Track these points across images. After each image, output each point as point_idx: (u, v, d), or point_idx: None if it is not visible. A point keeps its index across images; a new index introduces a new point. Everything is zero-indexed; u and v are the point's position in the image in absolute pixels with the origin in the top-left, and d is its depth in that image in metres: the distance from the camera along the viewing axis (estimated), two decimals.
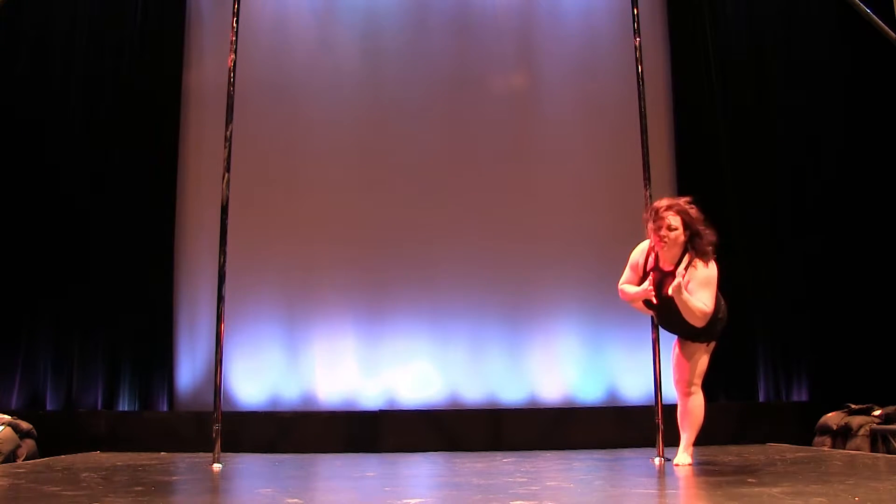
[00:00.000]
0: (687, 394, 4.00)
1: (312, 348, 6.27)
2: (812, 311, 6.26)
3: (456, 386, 6.25)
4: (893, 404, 5.34)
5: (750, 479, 3.22)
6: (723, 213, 6.43)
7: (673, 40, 6.71)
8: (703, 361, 3.99)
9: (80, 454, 5.18)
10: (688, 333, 3.97)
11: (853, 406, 5.47)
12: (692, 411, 3.99)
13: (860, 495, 2.65)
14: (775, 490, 2.81)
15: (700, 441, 4.05)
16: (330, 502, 3.06)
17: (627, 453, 5.04)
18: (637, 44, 4.81)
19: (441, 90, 6.66)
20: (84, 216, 6.18)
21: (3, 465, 4.62)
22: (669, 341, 4.18)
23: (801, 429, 5.70)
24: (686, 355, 4.00)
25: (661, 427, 4.39)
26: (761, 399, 6.22)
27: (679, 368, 4.04)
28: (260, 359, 6.20)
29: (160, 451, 5.37)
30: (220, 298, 4.36)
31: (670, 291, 3.74)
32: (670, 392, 4.21)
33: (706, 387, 4.09)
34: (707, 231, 3.89)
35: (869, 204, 6.35)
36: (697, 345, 3.98)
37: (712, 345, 4.02)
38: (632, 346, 6.01)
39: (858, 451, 5.02)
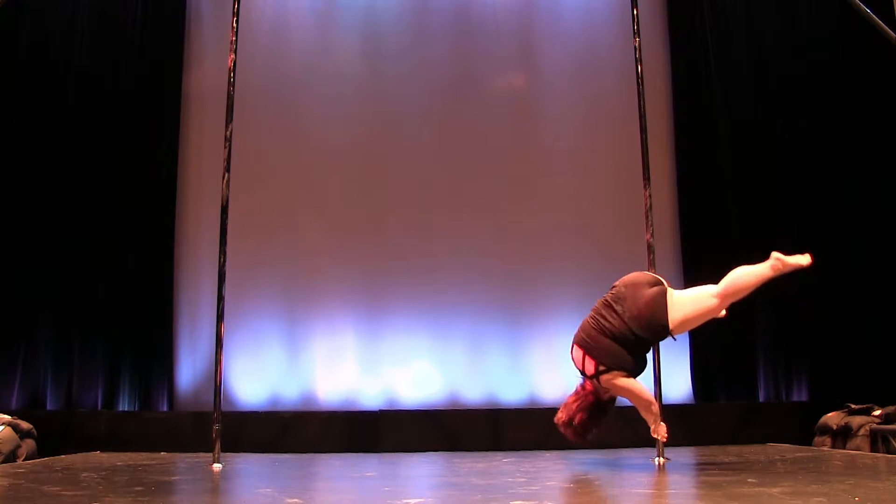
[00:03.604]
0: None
1: (312, 348, 6.27)
2: (812, 312, 6.27)
3: (456, 385, 6.25)
4: (893, 404, 5.34)
5: (750, 479, 3.22)
6: (722, 213, 6.46)
7: (673, 40, 6.73)
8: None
9: (80, 454, 5.17)
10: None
11: (853, 406, 5.46)
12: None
13: (860, 495, 2.65)
14: (775, 490, 2.81)
15: (700, 441, 4.04)
16: (330, 502, 3.06)
17: (627, 453, 5.03)
18: (637, 44, 4.81)
19: (441, 90, 6.66)
20: (84, 216, 6.18)
21: (3, 465, 4.62)
22: (669, 342, 4.16)
23: (801, 429, 5.70)
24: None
25: None
26: (761, 399, 6.22)
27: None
28: (260, 359, 6.20)
29: (160, 451, 5.36)
30: (220, 298, 4.36)
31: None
32: (670, 392, 4.20)
33: (707, 387, 4.07)
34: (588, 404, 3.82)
35: (869, 204, 6.36)
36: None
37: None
38: None
39: (858, 451, 5.02)
